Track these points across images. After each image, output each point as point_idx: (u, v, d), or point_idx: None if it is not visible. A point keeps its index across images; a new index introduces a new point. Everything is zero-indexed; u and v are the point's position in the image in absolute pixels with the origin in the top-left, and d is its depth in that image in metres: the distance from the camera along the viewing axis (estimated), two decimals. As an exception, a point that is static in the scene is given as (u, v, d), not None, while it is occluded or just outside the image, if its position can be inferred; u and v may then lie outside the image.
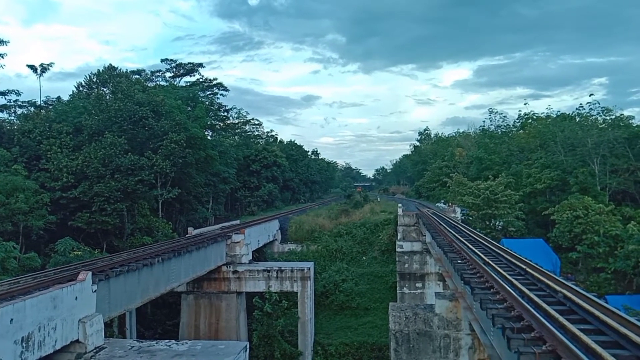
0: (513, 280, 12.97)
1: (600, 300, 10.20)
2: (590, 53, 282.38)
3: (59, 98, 55.19)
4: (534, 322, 9.28)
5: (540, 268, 14.64)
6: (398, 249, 39.64)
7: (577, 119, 61.36)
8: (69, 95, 54.68)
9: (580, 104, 71.03)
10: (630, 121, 55.96)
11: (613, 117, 56.08)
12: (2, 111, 53.23)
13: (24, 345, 13.57)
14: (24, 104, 54.35)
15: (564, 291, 11.11)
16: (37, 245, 34.38)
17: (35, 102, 55.19)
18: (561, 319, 8.83)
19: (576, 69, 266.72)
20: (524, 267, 14.92)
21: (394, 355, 18.72)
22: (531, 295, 11.06)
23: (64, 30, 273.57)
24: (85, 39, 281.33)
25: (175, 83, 77.14)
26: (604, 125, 55.47)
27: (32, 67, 54.75)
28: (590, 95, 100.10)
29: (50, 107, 52.97)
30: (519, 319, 9.99)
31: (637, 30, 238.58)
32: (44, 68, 54.95)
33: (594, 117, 58.17)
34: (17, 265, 27.46)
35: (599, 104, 57.76)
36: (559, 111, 71.82)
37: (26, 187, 33.72)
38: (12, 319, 13.08)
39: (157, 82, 74.09)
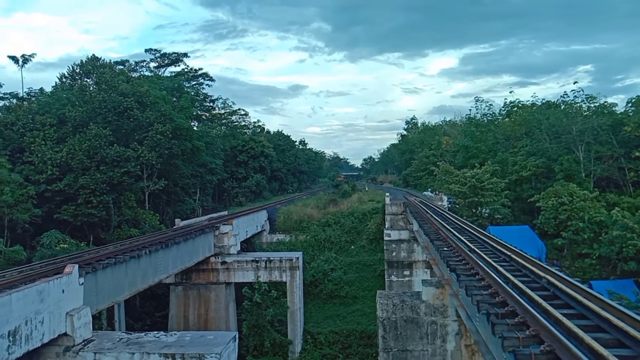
0: (498, 266, 13.15)
1: (583, 285, 10.38)
2: (576, 40, 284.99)
3: (41, 89, 54.39)
4: (518, 308, 9.44)
5: (525, 254, 14.83)
6: (386, 238, 39.89)
7: (562, 107, 61.79)
8: (52, 87, 53.96)
9: (565, 91, 71.62)
10: (614, 108, 56.55)
11: (597, 104, 56.63)
12: (-18, 103, 52.45)
13: (11, 339, 13.50)
14: (6, 96, 53.61)
15: (548, 277, 11.28)
16: (22, 238, 34.03)
17: (17, 93, 54.42)
18: (545, 304, 8.98)
19: (561, 56, 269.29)
20: (509, 253, 15.12)
21: (381, 342, 18.89)
22: (515, 281, 11.22)
23: (45, 19, 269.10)
24: (67, 28, 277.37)
25: (159, 73, 76.42)
26: (588, 112, 55.94)
27: (14, 58, 53.87)
28: (574, 83, 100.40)
29: (33, 98, 52.19)
30: (503, 304, 10.15)
31: (622, 18, 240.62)
32: (26, 59, 54.08)
33: (578, 104, 58.63)
34: (2, 259, 27.21)
35: (583, 91, 58.27)
36: (544, 99, 72.28)
37: (11, 180, 33.32)
38: (-2, 313, 13.00)
39: (142, 73, 73.40)
